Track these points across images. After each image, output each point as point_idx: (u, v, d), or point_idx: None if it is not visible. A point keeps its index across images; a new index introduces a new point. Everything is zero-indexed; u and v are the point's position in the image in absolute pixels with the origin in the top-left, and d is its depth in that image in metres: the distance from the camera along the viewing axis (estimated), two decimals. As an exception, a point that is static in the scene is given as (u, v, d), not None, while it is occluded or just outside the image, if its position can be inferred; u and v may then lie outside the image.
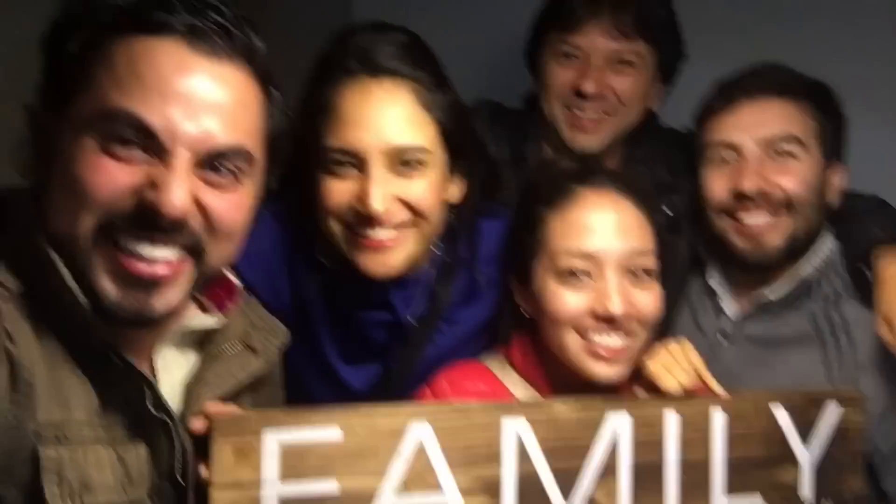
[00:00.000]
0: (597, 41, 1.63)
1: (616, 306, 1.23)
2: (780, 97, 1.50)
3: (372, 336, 1.39)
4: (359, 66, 1.25)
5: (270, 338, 1.14)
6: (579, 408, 1.13)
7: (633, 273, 1.26)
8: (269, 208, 1.33)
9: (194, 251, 0.95)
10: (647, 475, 1.13)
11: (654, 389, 1.22)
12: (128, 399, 0.97)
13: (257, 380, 1.13)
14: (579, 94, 1.64)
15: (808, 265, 1.51)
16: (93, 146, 0.90)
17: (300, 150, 1.28)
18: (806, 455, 1.20)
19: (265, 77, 0.99)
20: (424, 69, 1.27)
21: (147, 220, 0.90)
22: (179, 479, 0.99)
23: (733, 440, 1.17)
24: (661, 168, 1.70)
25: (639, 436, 1.13)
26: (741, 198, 1.48)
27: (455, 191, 1.34)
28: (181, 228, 0.92)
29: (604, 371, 1.25)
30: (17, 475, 0.90)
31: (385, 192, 1.23)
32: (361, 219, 1.24)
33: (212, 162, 0.93)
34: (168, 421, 0.98)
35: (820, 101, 1.51)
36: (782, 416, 1.19)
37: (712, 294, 1.58)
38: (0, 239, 0.96)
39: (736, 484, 1.16)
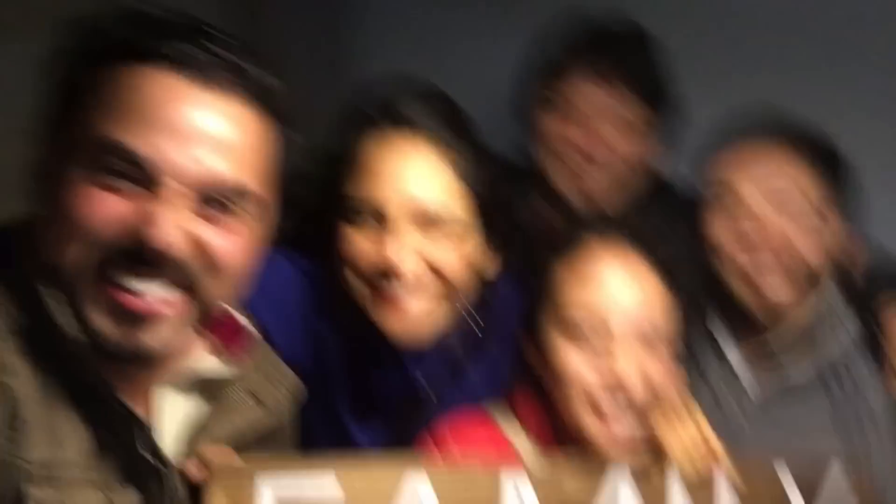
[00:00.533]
0: (583, 91, 1.61)
1: (627, 371, 1.17)
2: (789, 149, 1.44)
3: (386, 396, 1.35)
4: (395, 121, 1.23)
5: (283, 391, 1.10)
6: (584, 479, 1.11)
7: (645, 338, 1.21)
8: (292, 258, 1.34)
9: (191, 289, 0.91)
10: None
11: (659, 451, 1.19)
12: (121, 441, 0.94)
13: (267, 433, 1.09)
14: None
15: (832, 346, 1.45)
16: (82, 177, 0.87)
17: (324, 198, 1.26)
18: None
19: (278, 116, 0.95)
20: (462, 134, 1.24)
21: (136, 254, 0.86)
22: None
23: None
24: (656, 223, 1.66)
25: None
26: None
27: (490, 265, 1.31)
28: (171, 263, 0.88)
29: (619, 457, 1.18)
30: None
31: (406, 246, 1.20)
32: (380, 272, 1.21)
33: (211, 199, 0.89)
34: (161, 467, 0.95)
35: (829, 162, 1.46)
36: (785, 475, 1.18)
37: (732, 373, 1.51)
38: (7, 271, 0.93)
39: None
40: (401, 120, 1.22)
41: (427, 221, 1.21)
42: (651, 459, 1.19)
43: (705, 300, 1.55)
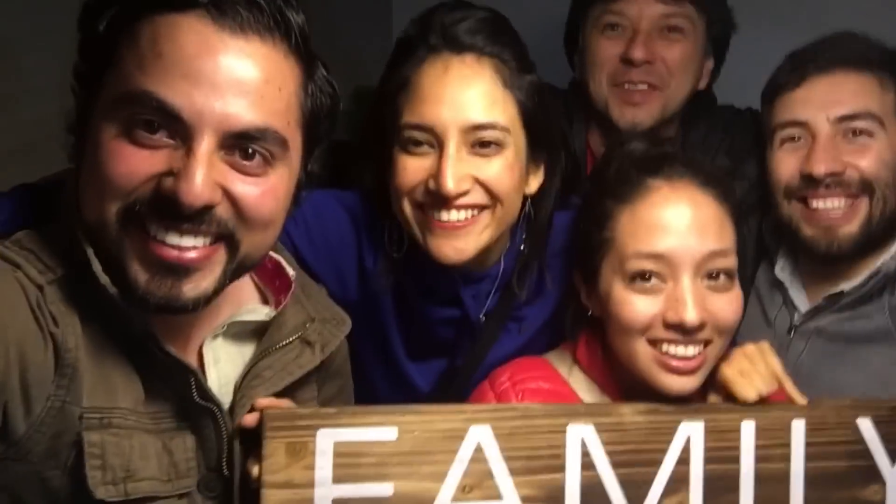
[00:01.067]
0: (643, 6, 1.56)
1: (691, 314, 1.11)
2: (855, 70, 1.38)
3: (440, 333, 1.35)
4: (441, 42, 1.22)
5: (331, 328, 1.09)
6: (650, 413, 1.07)
7: (710, 276, 1.15)
8: (339, 197, 1.34)
9: (226, 239, 0.91)
10: (721, 487, 1.07)
11: (730, 396, 1.13)
12: (173, 390, 0.95)
13: (323, 371, 1.09)
14: (627, 62, 1.57)
15: (889, 256, 1.40)
16: (116, 131, 0.87)
17: (378, 132, 1.25)
18: (893, 472, 1.11)
19: (303, 53, 0.93)
20: (508, 48, 1.23)
21: (169, 208, 0.86)
22: (226, 472, 0.97)
23: (814, 454, 1.09)
24: (721, 152, 1.62)
25: (712, 445, 1.07)
26: (812, 181, 1.37)
27: (534, 182, 1.29)
28: (204, 217, 0.88)
29: (677, 383, 1.14)
30: (62, 459, 0.90)
31: (461, 171, 1.19)
32: (435, 199, 1.20)
33: (240, 145, 0.89)
34: (216, 411, 0.96)
35: None
36: (867, 430, 1.11)
37: (782, 286, 1.49)
38: (54, 224, 0.95)
39: (815, 500, 1.09)
40: (459, 44, 1.21)
41: (483, 144, 1.20)
42: (722, 402, 1.14)
43: (756, 221, 1.52)
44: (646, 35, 1.56)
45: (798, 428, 1.10)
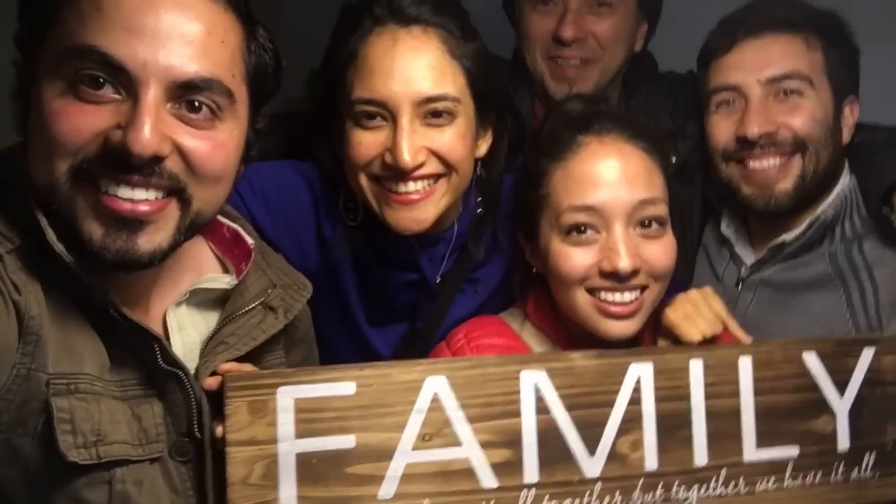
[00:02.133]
0: None
1: (624, 262, 1.17)
2: (785, 32, 1.43)
3: (398, 298, 1.38)
4: (386, 13, 1.24)
5: (293, 293, 1.12)
6: (599, 357, 1.10)
7: (642, 224, 1.20)
8: (298, 167, 1.36)
9: (178, 194, 0.92)
10: (674, 424, 1.10)
11: (677, 341, 1.18)
12: (138, 357, 0.96)
13: (288, 337, 1.12)
14: (559, 42, 1.60)
15: (825, 205, 1.45)
16: (61, 89, 0.88)
17: (327, 102, 1.28)
18: (842, 403, 1.16)
19: (243, 12, 0.96)
20: (452, 17, 1.26)
21: (119, 160, 0.87)
22: (197, 434, 0.99)
23: (763, 389, 1.13)
24: (663, 114, 1.65)
25: (662, 385, 1.10)
26: (747, 143, 1.42)
27: (483, 145, 1.32)
28: (154, 168, 0.89)
29: (616, 328, 1.20)
30: (31, 426, 0.90)
31: (416, 143, 1.21)
32: (391, 172, 1.23)
33: (186, 97, 0.90)
34: (182, 376, 0.97)
35: (828, 32, 1.44)
36: (814, 364, 1.15)
37: (728, 242, 1.54)
38: (4, 194, 0.95)
39: (768, 435, 1.13)
40: (396, 12, 1.23)
41: (434, 114, 1.22)
42: (669, 345, 1.19)
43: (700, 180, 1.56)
44: (575, 13, 1.60)
45: (745, 364, 1.13)
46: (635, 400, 1.09)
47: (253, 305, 1.06)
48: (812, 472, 1.14)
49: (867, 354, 1.17)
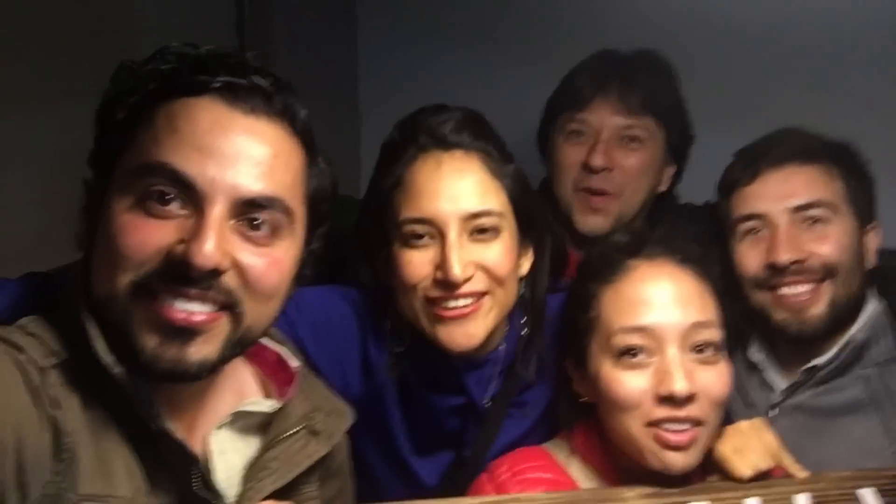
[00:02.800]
0: (605, 117, 1.68)
1: (680, 385, 1.15)
2: (806, 163, 1.48)
3: (446, 424, 1.37)
4: (430, 141, 1.29)
5: (334, 418, 1.11)
6: (654, 497, 1.08)
7: (697, 349, 1.19)
8: (344, 291, 1.39)
9: (231, 309, 0.93)
10: None
11: (726, 475, 1.17)
12: (174, 479, 0.95)
13: (324, 469, 1.10)
14: (588, 169, 1.67)
15: (856, 329, 1.48)
16: (129, 203, 0.91)
17: (372, 228, 1.31)
18: None
19: (307, 140, 1.00)
20: (491, 141, 1.32)
21: (179, 274, 0.89)
22: None
23: None
24: (687, 241, 1.66)
25: None
26: (777, 270, 1.45)
27: (526, 264, 1.36)
28: (212, 282, 0.90)
29: (675, 461, 1.17)
30: None
31: (464, 257, 1.24)
32: (441, 288, 1.25)
33: (248, 215, 0.93)
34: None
35: (847, 162, 1.50)
36: (869, 499, 1.14)
37: (756, 369, 1.55)
38: (59, 311, 0.97)
39: None
40: (439, 139, 1.29)
41: (480, 231, 1.26)
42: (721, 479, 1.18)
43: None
44: (605, 144, 1.66)
45: (801, 502, 1.13)
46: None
47: (297, 429, 1.05)
48: None
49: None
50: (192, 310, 0.90)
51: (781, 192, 1.47)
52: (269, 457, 1.02)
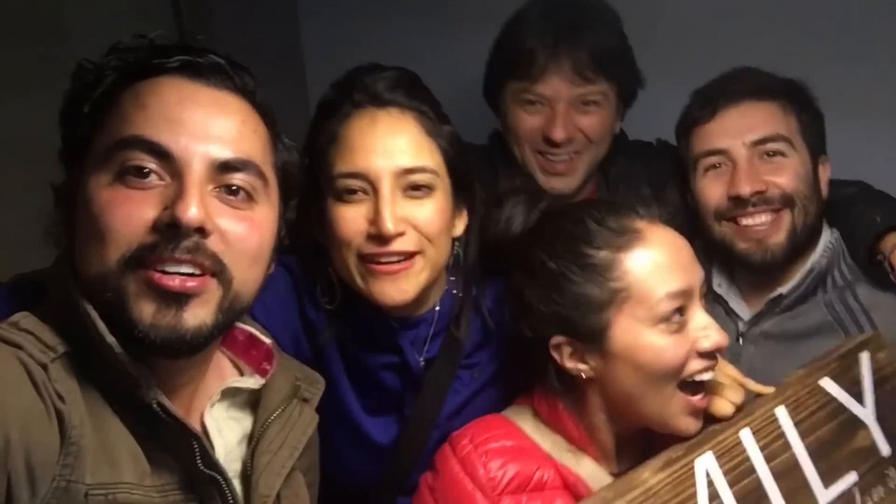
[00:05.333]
0: (560, 88, 1.65)
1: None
2: (762, 99, 1.54)
3: (386, 383, 1.38)
4: (365, 97, 1.29)
5: (309, 387, 1.14)
6: (667, 466, 1.07)
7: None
8: (279, 260, 1.32)
9: (219, 274, 0.95)
10: (754, 500, 1.10)
11: (716, 419, 1.18)
12: (177, 458, 0.97)
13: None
14: (549, 142, 1.67)
15: (817, 256, 1.55)
16: (107, 181, 0.93)
17: (311, 187, 1.29)
18: (867, 412, 1.21)
19: (268, 117, 1.03)
20: (426, 101, 1.32)
21: (167, 238, 0.91)
22: None
23: (806, 430, 1.17)
24: (641, 182, 1.74)
25: (729, 469, 1.10)
26: (739, 202, 1.51)
27: (460, 225, 1.36)
28: (200, 240, 0.92)
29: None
30: None
31: (397, 212, 1.24)
32: (374, 242, 1.25)
33: (224, 180, 0.95)
34: (219, 479, 0.98)
35: (798, 98, 1.56)
36: (832, 387, 1.20)
37: (720, 300, 1.61)
38: (47, 305, 0.97)
39: (828, 472, 1.16)
40: (374, 96, 1.29)
41: (414, 188, 1.26)
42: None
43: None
44: (564, 114, 1.65)
45: (782, 414, 1.17)
46: (713, 495, 1.08)
47: (291, 401, 1.09)
48: (875, 489, 1.18)
49: (865, 359, 1.24)
50: (184, 272, 0.92)
51: (740, 128, 1.52)
52: (271, 434, 1.05)
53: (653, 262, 1.18)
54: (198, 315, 0.93)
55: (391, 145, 1.26)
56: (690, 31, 2.04)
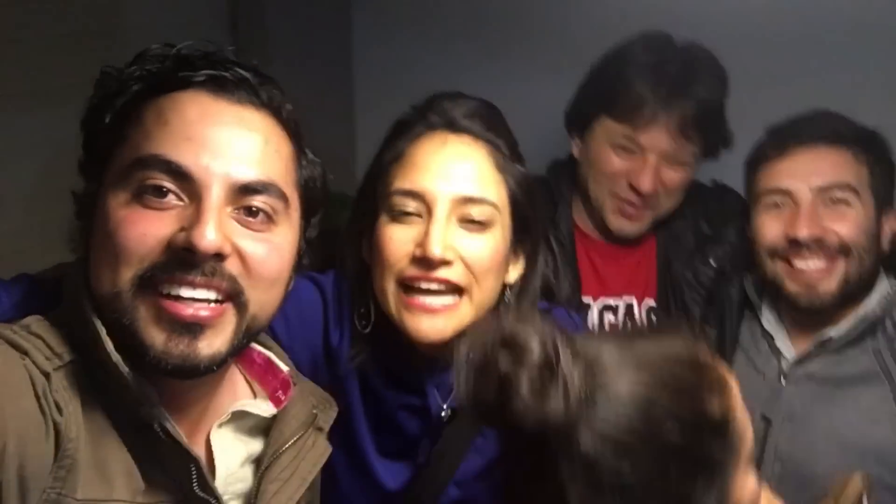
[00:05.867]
0: (660, 142, 1.65)
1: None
2: (834, 145, 1.53)
3: (403, 425, 1.30)
4: (440, 120, 1.25)
5: (325, 412, 1.11)
6: None
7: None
8: (311, 276, 1.32)
9: (235, 299, 0.93)
10: None
11: None
12: (174, 480, 0.94)
13: None
14: (632, 189, 1.68)
15: (872, 304, 1.54)
16: (125, 199, 0.91)
17: (367, 202, 1.27)
18: None
19: (294, 131, 1.01)
20: (502, 136, 1.27)
21: (182, 262, 0.89)
22: None
23: None
24: (701, 221, 1.76)
25: None
26: (795, 244, 1.51)
27: (514, 271, 1.29)
28: (216, 268, 0.90)
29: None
30: None
31: (447, 238, 1.19)
32: (418, 266, 1.20)
33: (244, 202, 0.93)
34: (213, 503, 0.95)
35: (872, 149, 1.55)
36: None
37: (768, 336, 1.61)
38: (62, 310, 0.95)
39: None
40: (450, 122, 1.25)
41: (470, 220, 1.21)
42: None
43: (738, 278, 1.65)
44: (654, 168, 1.66)
45: None
46: None
47: (304, 432, 1.05)
48: None
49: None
50: (198, 297, 0.90)
51: (808, 171, 1.52)
52: (283, 462, 1.02)
53: None
54: (213, 344, 0.92)
55: (456, 171, 1.21)
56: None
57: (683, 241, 1.77)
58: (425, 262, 1.18)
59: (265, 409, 1.04)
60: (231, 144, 0.92)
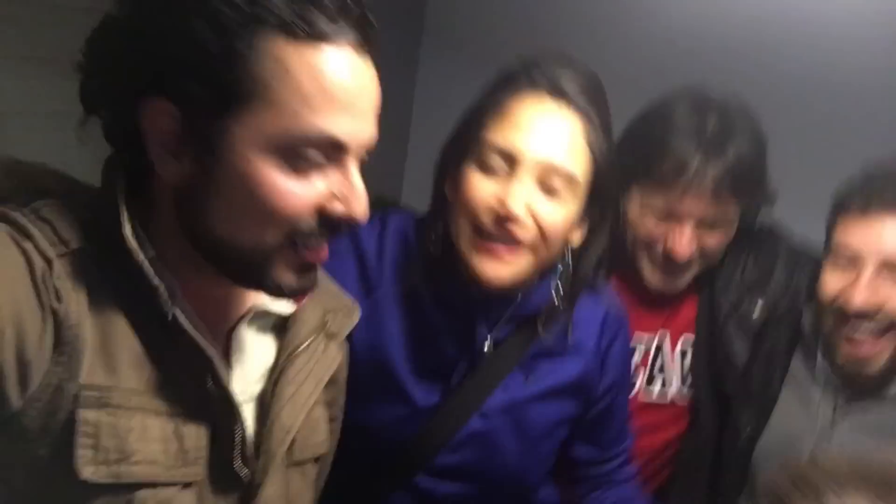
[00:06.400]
0: (694, 206, 1.60)
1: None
2: None
3: (443, 347, 1.35)
4: (544, 82, 1.27)
5: (341, 318, 1.10)
6: None
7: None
8: (388, 217, 1.40)
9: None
10: None
11: None
12: (187, 375, 0.92)
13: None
14: (666, 253, 1.65)
15: None
16: (277, 164, 0.85)
17: (460, 140, 1.31)
18: None
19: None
20: (599, 110, 1.29)
21: (331, 227, 0.89)
22: (237, 470, 0.95)
23: None
24: (749, 262, 1.74)
25: None
26: (848, 307, 1.48)
27: (577, 234, 1.33)
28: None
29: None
30: (54, 436, 0.86)
31: (527, 198, 1.23)
32: (495, 219, 1.24)
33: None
34: (230, 400, 0.93)
35: None
36: None
37: (819, 378, 1.58)
38: (75, 197, 0.91)
39: None
40: (554, 84, 1.27)
41: (550, 182, 1.25)
42: None
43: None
44: (689, 235, 1.63)
45: None
46: None
47: (314, 337, 1.04)
48: None
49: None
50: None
51: (880, 241, 1.48)
52: (298, 364, 1.01)
53: None
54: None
55: (547, 137, 1.25)
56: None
57: (727, 276, 1.73)
58: (501, 217, 1.23)
59: (284, 306, 1.03)
60: (371, 111, 0.90)
